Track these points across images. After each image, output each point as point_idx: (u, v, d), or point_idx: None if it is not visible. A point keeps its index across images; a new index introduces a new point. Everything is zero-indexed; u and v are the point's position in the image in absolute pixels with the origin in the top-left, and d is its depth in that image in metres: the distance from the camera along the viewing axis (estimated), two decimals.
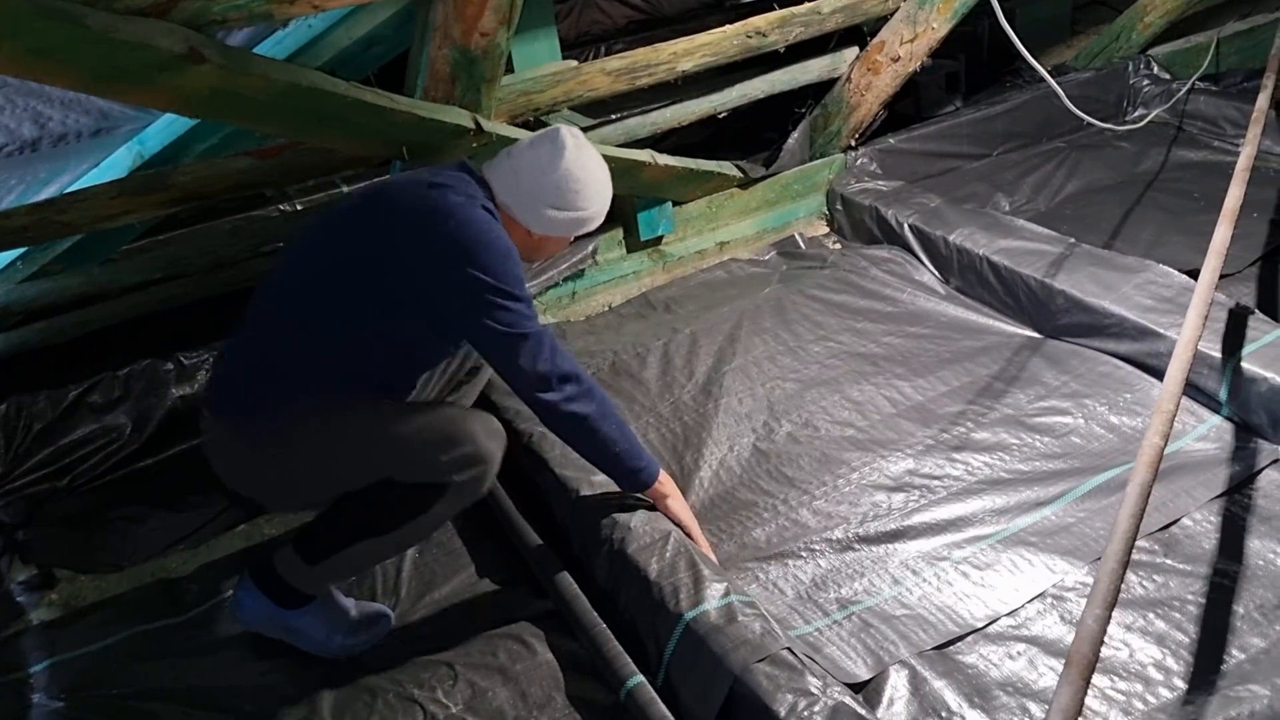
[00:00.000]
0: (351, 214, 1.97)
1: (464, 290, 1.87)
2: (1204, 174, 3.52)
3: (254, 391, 1.92)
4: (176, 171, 2.32)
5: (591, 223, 2.08)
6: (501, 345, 1.91)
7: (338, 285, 1.91)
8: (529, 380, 1.92)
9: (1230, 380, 2.35)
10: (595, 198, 2.04)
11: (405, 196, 1.95)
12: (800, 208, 3.57)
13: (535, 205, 1.99)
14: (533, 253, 2.10)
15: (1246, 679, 1.73)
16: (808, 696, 1.68)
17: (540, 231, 2.03)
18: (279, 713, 2.00)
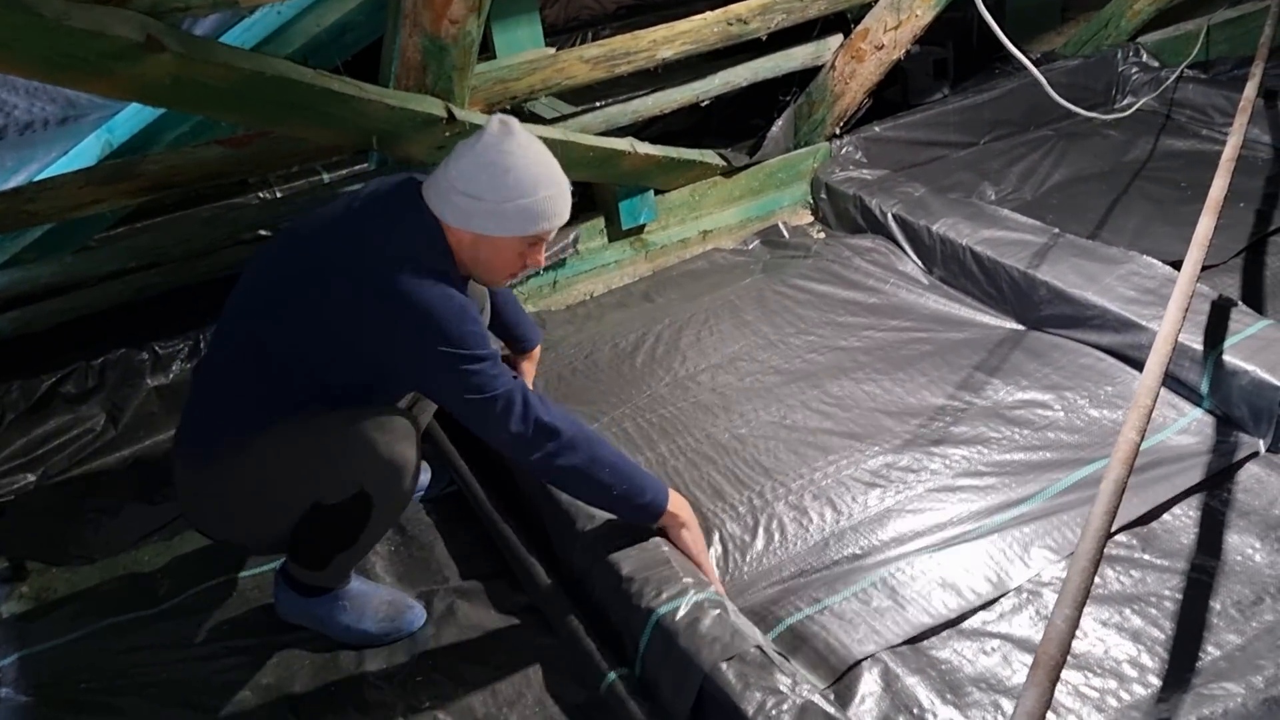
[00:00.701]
0: (287, 270, 1.88)
1: (422, 361, 1.79)
2: (1192, 163, 3.49)
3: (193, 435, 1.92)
4: (146, 160, 2.29)
5: (542, 214, 1.83)
6: (473, 411, 1.83)
7: (281, 333, 1.85)
8: (508, 442, 1.85)
9: (1212, 373, 2.33)
10: (537, 182, 1.81)
11: (340, 250, 1.83)
12: (784, 196, 3.54)
13: (473, 203, 1.79)
14: (485, 269, 1.90)
15: (1222, 676, 1.72)
16: (776, 695, 1.67)
17: (485, 231, 1.81)
18: (249, 708, 1.98)
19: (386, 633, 2.06)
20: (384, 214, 1.86)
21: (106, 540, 2.48)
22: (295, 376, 1.86)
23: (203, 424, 1.91)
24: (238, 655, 2.10)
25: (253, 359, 1.87)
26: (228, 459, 1.86)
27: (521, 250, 1.87)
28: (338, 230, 1.86)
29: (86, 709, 2.01)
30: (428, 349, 1.77)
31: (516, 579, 2.19)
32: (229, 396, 1.89)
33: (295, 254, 1.89)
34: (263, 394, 1.86)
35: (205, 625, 2.19)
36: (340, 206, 1.91)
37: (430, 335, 1.77)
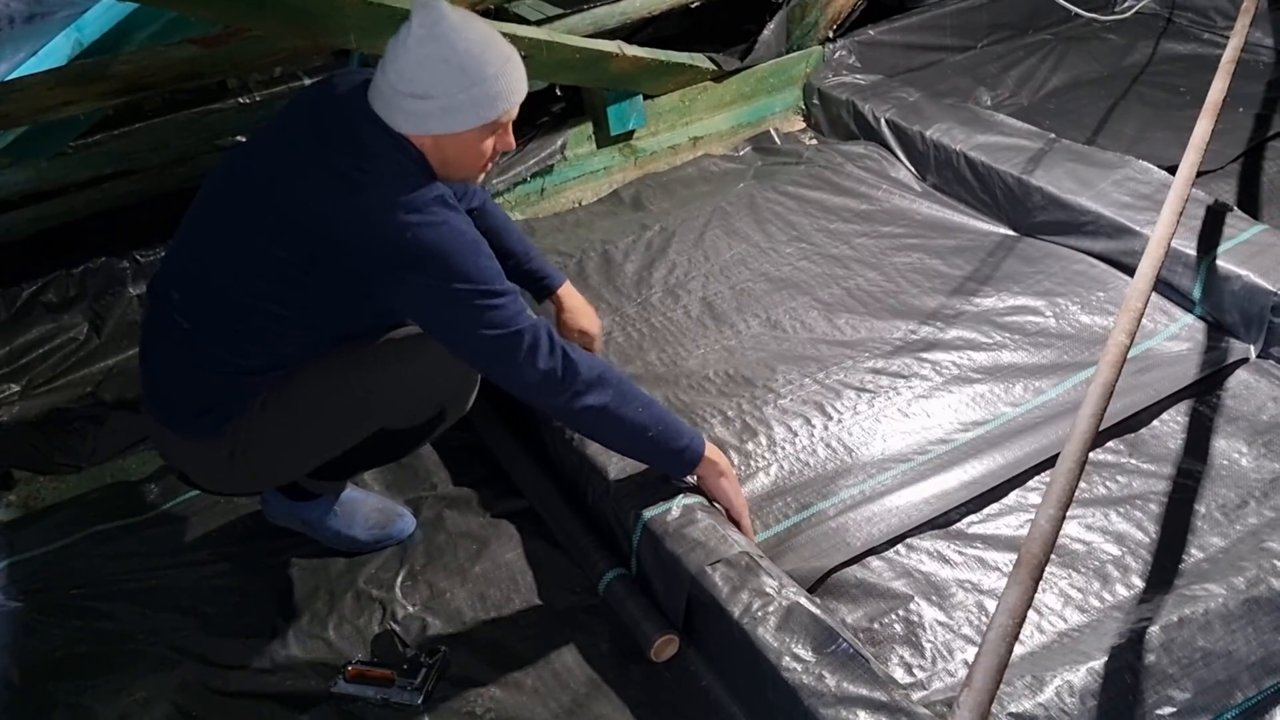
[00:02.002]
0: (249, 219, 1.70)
1: (437, 304, 1.65)
2: (1192, 67, 3.42)
3: (193, 406, 1.79)
4: (117, 60, 2.22)
5: (498, 95, 1.65)
6: (496, 351, 1.68)
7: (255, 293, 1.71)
8: (534, 383, 1.70)
9: (1205, 278, 2.31)
10: (483, 63, 1.62)
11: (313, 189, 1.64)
12: (776, 102, 3.47)
13: (423, 104, 1.62)
14: (456, 169, 1.73)
15: (1204, 578, 1.73)
16: (763, 597, 1.68)
17: (444, 130, 1.65)
18: (238, 612, 2.00)
19: (376, 539, 2.07)
20: (347, 139, 1.66)
21: (93, 449, 2.48)
22: (286, 333, 1.74)
23: (196, 395, 1.79)
24: (226, 561, 2.11)
25: (231, 320, 1.74)
26: (255, 419, 1.79)
27: (487, 139, 1.70)
28: (302, 166, 1.67)
29: (77, 614, 2.03)
30: (442, 290, 1.64)
31: (505, 486, 2.19)
32: (216, 364, 1.76)
33: (253, 197, 1.70)
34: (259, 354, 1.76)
35: (194, 532, 2.19)
36: (289, 133, 1.73)
37: (445, 274, 1.63)
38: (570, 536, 1.99)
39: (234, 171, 1.78)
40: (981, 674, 1.21)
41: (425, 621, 1.92)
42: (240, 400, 1.79)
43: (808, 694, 1.52)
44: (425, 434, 1.99)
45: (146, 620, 2.00)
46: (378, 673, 1.81)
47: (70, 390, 2.67)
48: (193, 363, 1.77)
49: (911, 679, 1.69)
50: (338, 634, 1.92)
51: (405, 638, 1.88)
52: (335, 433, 1.88)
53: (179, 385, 1.80)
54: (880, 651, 1.73)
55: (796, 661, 1.57)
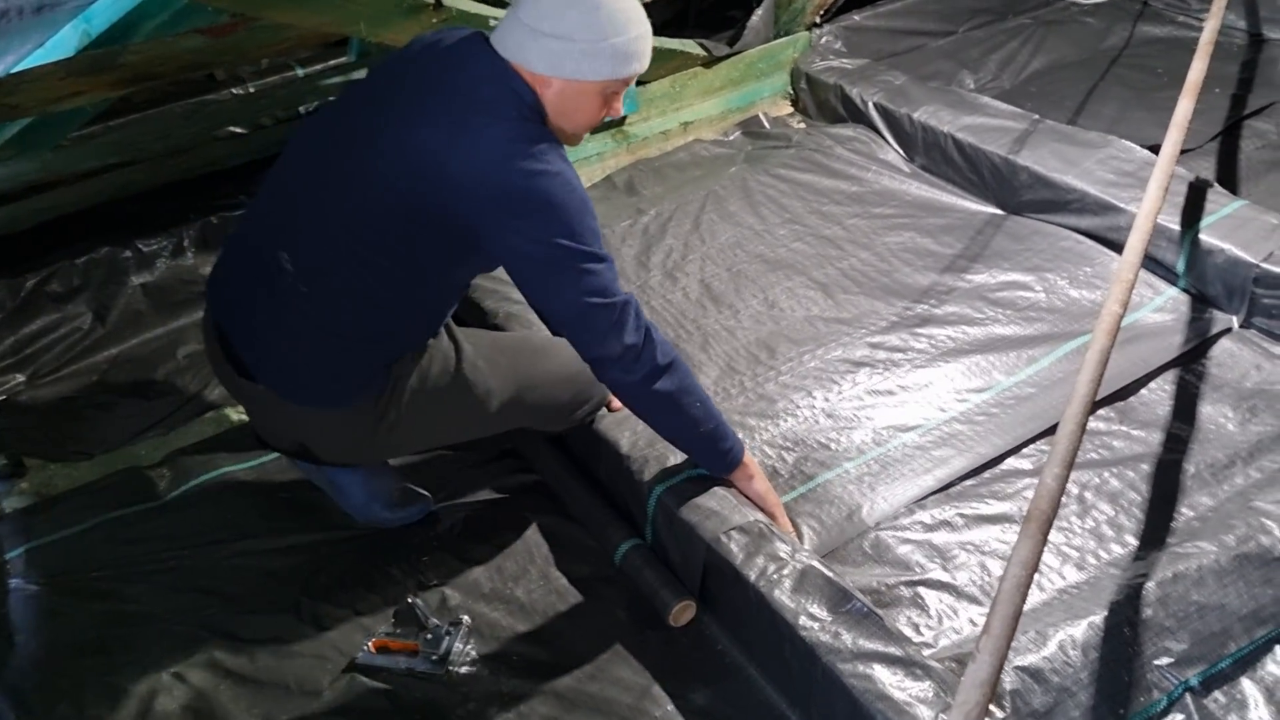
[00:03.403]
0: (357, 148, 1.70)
1: (538, 257, 1.65)
2: (1168, 49, 3.51)
3: (326, 370, 1.80)
4: (126, 50, 2.25)
5: (635, 54, 1.67)
6: (588, 317, 1.68)
7: (371, 246, 1.71)
8: (615, 355, 1.70)
9: (1188, 252, 2.39)
10: (629, 20, 1.65)
11: (420, 127, 1.64)
12: (765, 87, 3.53)
13: (564, 45, 1.62)
14: (569, 120, 1.71)
15: (1195, 536, 1.81)
16: (777, 561, 1.74)
17: (576, 75, 1.64)
18: (261, 590, 2.03)
19: (397, 517, 2.11)
20: (459, 83, 1.66)
21: (103, 436, 2.49)
22: (396, 293, 1.76)
23: (320, 363, 1.81)
24: (245, 541, 2.14)
25: (343, 278, 1.74)
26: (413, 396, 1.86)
27: (606, 97, 1.71)
28: (411, 111, 1.67)
29: (97, 596, 2.05)
30: (546, 244, 1.63)
31: (517, 462, 2.24)
32: (333, 328, 1.77)
33: (356, 147, 1.70)
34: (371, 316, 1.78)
35: (210, 515, 2.22)
36: (392, 83, 1.74)
37: (551, 228, 1.62)
38: (585, 509, 2.05)
39: (328, 127, 1.79)
40: (998, 621, 1.27)
41: (445, 594, 1.97)
42: (366, 367, 1.81)
43: (825, 651, 1.59)
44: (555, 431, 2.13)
45: (169, 601, 2.02)
46: (401, 644, 1.86)
47: (76, 379, 2.69)
48: (310, 327, 1.78)
49: (920, 638, 1.76)
50: (361, 608, 1.96)
51: (427, 610, 1.92)
52: (487, 426, 1.99)
53: (299, 353, 1.80)
54: (888, 614, 1.79)
55: (813, 620, 1.64)
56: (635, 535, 1.98)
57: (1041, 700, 1.58)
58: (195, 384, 2.60)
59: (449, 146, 1.62)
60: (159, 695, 1.84)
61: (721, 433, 1.85)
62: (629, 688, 1.77)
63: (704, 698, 1.74)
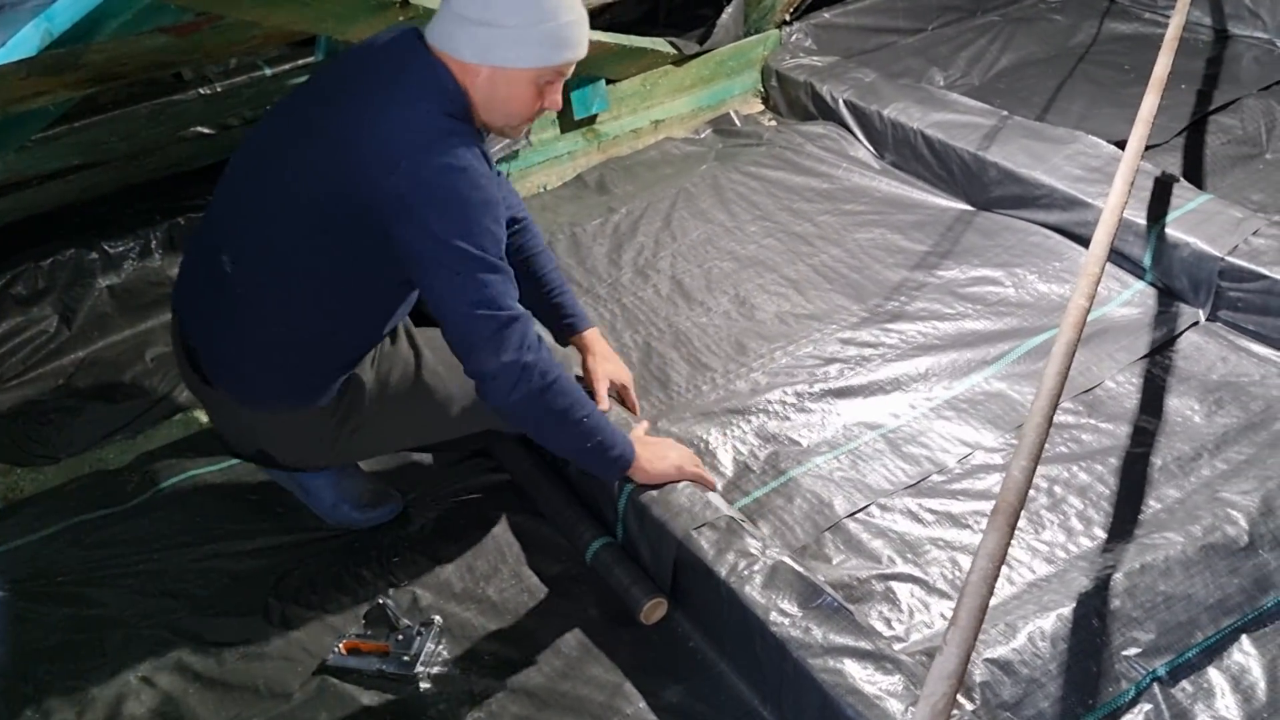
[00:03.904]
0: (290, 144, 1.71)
1: (431, 255, 1.61)
2: (1135, 46, 3.54)
3: (275, 372, 1.80)
4: (89, 49, 2.22)
5: (567, 40, 1.63)
6: (473, 327, 1.64)
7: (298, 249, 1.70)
8: (487, 371, 1.66)
9: (1155, 247, 2.41)
10: (560, 5, 1.61)
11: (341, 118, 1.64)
12: (735, 85, 3.54)
13: (493, 32, 1.59)
14: (501, 111, 1.68)
15: (1163, 527, 1.82)
16: (748, 557, 1.74)
17: (506, 63, 1.61)
18: (229, 593, 2.01)
19: (367, 518, 2.10)
20: (395, 77, 1.64)
21: (69, 440, 2.46)
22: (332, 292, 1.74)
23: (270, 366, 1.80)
24: (213, 544, 2.12)
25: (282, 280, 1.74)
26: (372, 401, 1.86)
27: (541, 87, 1.67)
28: (337, 101, 1.67)
29: (66, 601, 2.04)
30: (440, 243, 1.59)
31: (488, 462, 2.23)
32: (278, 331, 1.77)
33: (290, 144, 1.71)
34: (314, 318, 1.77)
35: (177, 518, 2.20)
36: (328, 77, 1.74)
37: (449, 225, 1.59)
38: (556, 508, 2.04)
39: (270, 126, 1.78)
40: (966, 613, 1.28)
41: (416, 594, 1.96)
42: (314, 371, 1.80)
43: (796, 646, 1.59)
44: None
45: (137, 605, 2.01)
46: (372, 645, 1.85)
47: (42, 383, 2.66)
48: (254, 329, 1.77)
49: (891, 632, 1.76)
50: (330, 610, 1.95)
51: (397, 611, 1.91)
52: (448, 428, 1.96)
53: (248, 356, 1.80)
54: (860, 608, 1.80)
55: (783, 616, 1.64)
56: (606, 533, 1.97)
57: (1011, 692, 1.59)
58: (163, 387, 2.57)
59: (363, 135, 1.61)
60: (126, 700, 1.82)
61: (607, 443, 1.79)
62: (601, 686, 1.77)
63: (676, 694, 1.74)
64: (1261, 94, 3.09)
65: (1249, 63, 3.30)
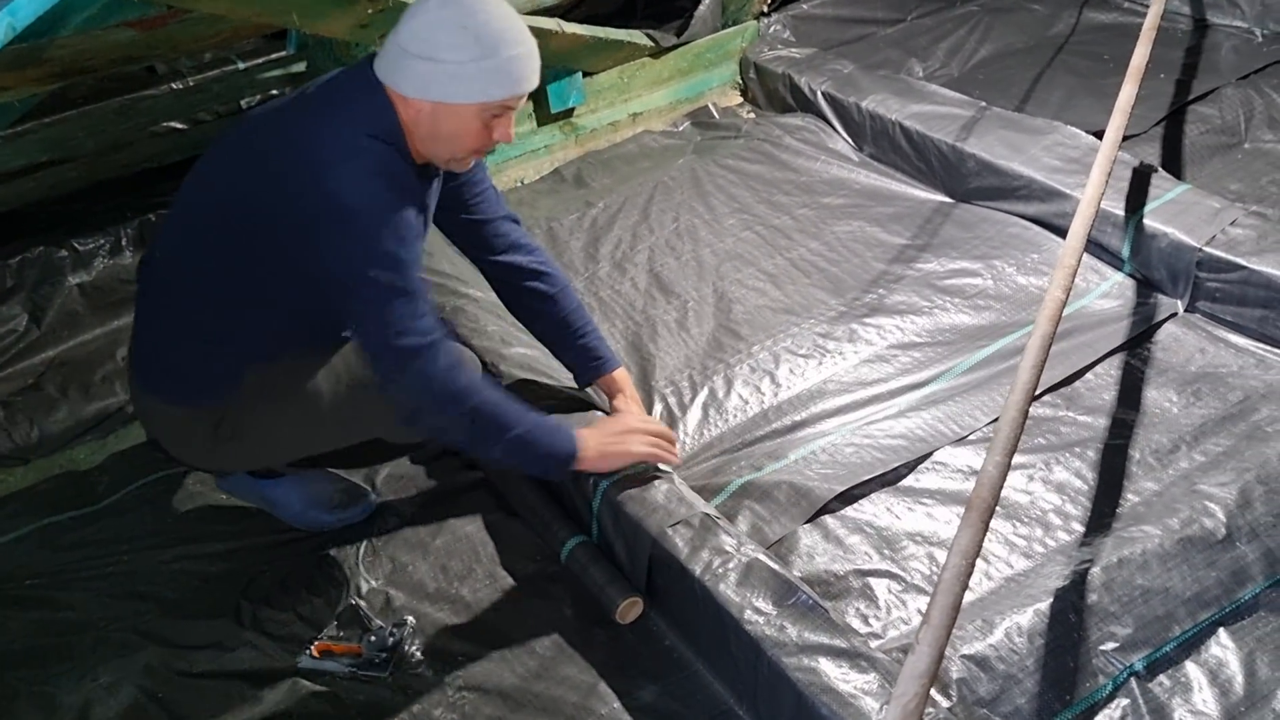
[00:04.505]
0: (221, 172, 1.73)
1: (341, 279, 1.61)
2: (1114, 36, 3.52)
3: (180, 367, 1.80)
4: (53, 44, 2.19)
5: (509, 75, 1.60)
6: (384, 352, 1.63)
7: (219, 262, 1.71)
8: (404, 396, 1.66)
9: (1133, 237, 2.40)
10: (501, 39, 1.58)
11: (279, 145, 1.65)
12: (713, 77, 3.52)
13: (431, 66, 1.58)
14: (447, 146, 1.67)
15: (1140, 520, 1.81)
16: (723, 555, 1.73)
17: (446, 98, 1.60)
18: (200, 595, 1.99)
19: (339, 519, 2.07)
20: (331, 98, 1.66)
21: (39, 440, 2.43)
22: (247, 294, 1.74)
23: (178, 363, 1.81)
24: (183, 546, 2.10)
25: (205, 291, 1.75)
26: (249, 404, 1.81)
27: (487, 121, 1.64)
28: (285, 123, 1.68)
29: (34, 604, 2.01)
30: (356, 270, 1.58)
31: (461, 459, 2.20)
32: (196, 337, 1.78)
33: (237, 157, 1.72)
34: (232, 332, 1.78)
35: (148, 520, 2.18)
36: (289, 98, 1.75)
37: (363, 253, 1.58)
38: (529, 506, 2.02)
39: (230, 135, 1.79)
40: (939, 611, 1.26)
41: (389, 595, 1.94)
42: (210, 370, 1.80)
43: (770, 645, 1.57)
44: (420, 443, 2.05)
45: (106, 607, 1.98)
46: (344, 647, 1.83)
47: (11, 382, 2.62)
48: (167, 319, 1.80)
49: (868, 628, 1.75)
50: (302, 611, 1.93)
51: (370, 611, 1.89)
52: (328, 435, 1.91)
53: (156, 344, 1.82)
54: (837, 605, 1.79)
55: (758, 614, 1.62)
56: (581, 532, 1.95)
57: (988, 688, 1.58)
58: None
59: (287, 155, 1.62)
60: (94, 705, 1.80)
61: (545, 442, 1.75)
62: (575, 686, 1.75)
63: (651, 694, 1.72)
64: (1240, 83, 3.07)
65: (1228, 52, 3.29)
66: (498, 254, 1.95)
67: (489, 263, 1.98)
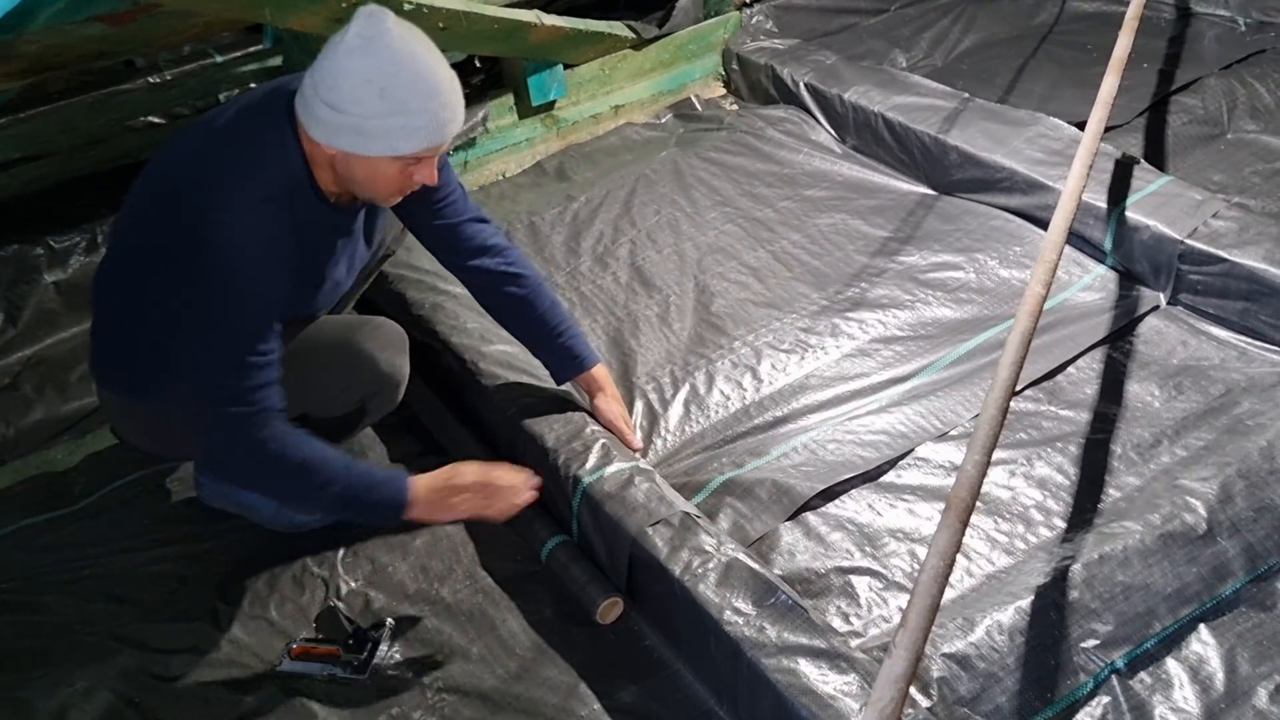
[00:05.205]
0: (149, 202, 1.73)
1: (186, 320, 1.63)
2: (1098, 25, 3.51)
3: (126, 367, 1.81)
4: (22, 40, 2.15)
5: (415, 131, 1.54)
6: (215, 417, 1.63)
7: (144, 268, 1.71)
8: (210, 450, 1.72)
9: (1115, 230, 2.39)
10: (409, 95, 1.51)
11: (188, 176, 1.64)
12: (696, 69, 3.49)
13: (336, 116, 1.53)
14: (364, 189, 1.65)
15: (1122, 516, 1.81)
16: (702, 554, 1.72)
17: (352, 149, 1.55)
18: (177, 598, 1.98)
19: (316, 520, 2.05)
20: (237, 134, 1.64)
21: (15, 441, 2.41)
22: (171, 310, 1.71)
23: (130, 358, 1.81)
24: (161, 548, 2.09)
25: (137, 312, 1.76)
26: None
27: (403, 168, 1.60)
28: (197, 147, 1.67)
29: (9, 608, 2.00)
30: (196, 303, 1.59)
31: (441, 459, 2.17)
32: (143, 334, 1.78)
33: (158, 181, 1.72)
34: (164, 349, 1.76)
35: (125, 521, 2.16)
36: (207, 121, 1.72)
37: (206, 284, 1.58)
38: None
39: (160, 156, 1.78)
40: (916, 614, 1.25)
41: (368, 596, 1.92)
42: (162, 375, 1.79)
43: (750, 645, 1.56)
44: (349, 426, 2.03)
45: (82, 611, 1.97)
46: (323, 649, 1.82)
47: None
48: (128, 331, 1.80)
49: (849, 627, 1.74)
50: (280, 613, 1.91)
51: (349, 613, 1.88)
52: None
53: (122, 353, 1.82)
54: (818, 603, 1.78)
55: (737, 615, 1.61)
56: (562, 531, 1.94)
57: (968, 687, 1.57)
58: None
59: (189, 198, 1.61)
60: (70, 710, 1.78)
61: (372, 495, 1.70)
62: (555, 687, 1.74)
63: (631, 695, 1.71)
64: (1223, 73, 3.07)
65: (1210, 41, 3.28)
66: (468, 258, 1.95)
67: (460, 268, 2.00)
